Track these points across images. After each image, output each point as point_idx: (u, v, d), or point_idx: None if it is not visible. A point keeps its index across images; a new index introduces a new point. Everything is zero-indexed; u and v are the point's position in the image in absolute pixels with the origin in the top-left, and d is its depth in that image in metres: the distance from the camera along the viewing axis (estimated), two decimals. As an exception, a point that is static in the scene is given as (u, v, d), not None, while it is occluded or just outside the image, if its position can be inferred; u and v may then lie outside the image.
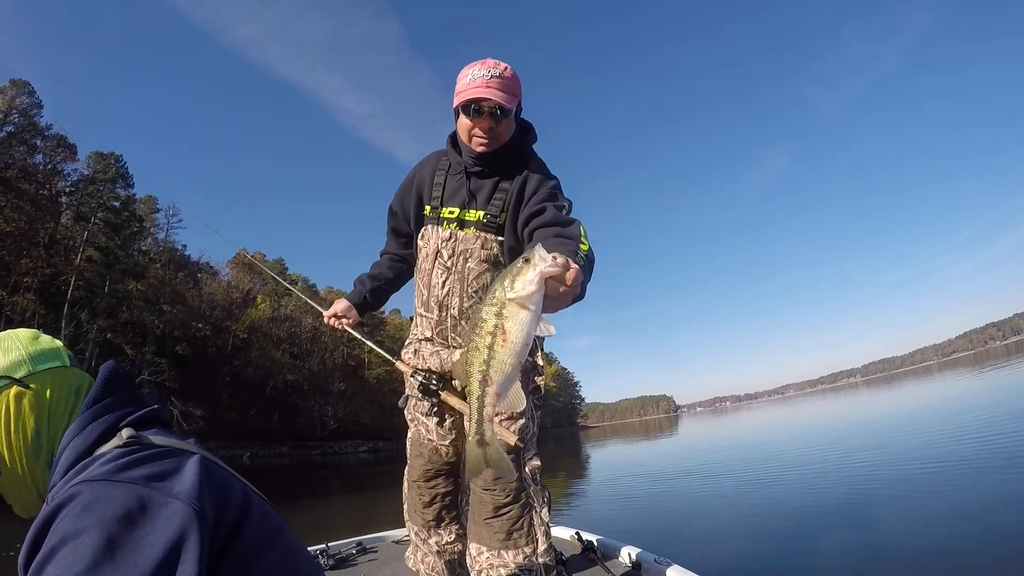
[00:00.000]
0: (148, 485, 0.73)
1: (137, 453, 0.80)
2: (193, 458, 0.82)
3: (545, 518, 1.84)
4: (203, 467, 0.80)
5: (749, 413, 74.02)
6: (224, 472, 0.86)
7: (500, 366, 0.88)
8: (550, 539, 1.86)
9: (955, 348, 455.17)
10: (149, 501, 0.71)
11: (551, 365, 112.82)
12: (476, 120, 1.77)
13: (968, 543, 4.83)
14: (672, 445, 28.59)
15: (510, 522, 1.80)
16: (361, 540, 3.23)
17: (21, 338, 1.00)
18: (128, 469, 0.75)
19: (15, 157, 41.21)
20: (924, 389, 37.94)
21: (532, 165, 1.87)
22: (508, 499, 1.81)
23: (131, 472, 0.74)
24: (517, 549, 1.78)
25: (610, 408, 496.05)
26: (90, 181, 46.57)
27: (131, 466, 0.76)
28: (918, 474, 8.28)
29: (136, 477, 0.73)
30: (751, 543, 5.99)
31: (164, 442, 0.86)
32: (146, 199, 57.00)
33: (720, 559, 5.43)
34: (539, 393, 1.94)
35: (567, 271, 0.90)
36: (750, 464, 13.27)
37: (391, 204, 2.21)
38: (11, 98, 41.27)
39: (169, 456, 0.82)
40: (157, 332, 46.26)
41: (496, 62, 1.77)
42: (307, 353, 65.71)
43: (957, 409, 18.42)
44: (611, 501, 10.85)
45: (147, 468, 0.76)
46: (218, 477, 0.83)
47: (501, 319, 0.87)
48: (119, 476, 0.73)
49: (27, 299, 37.65)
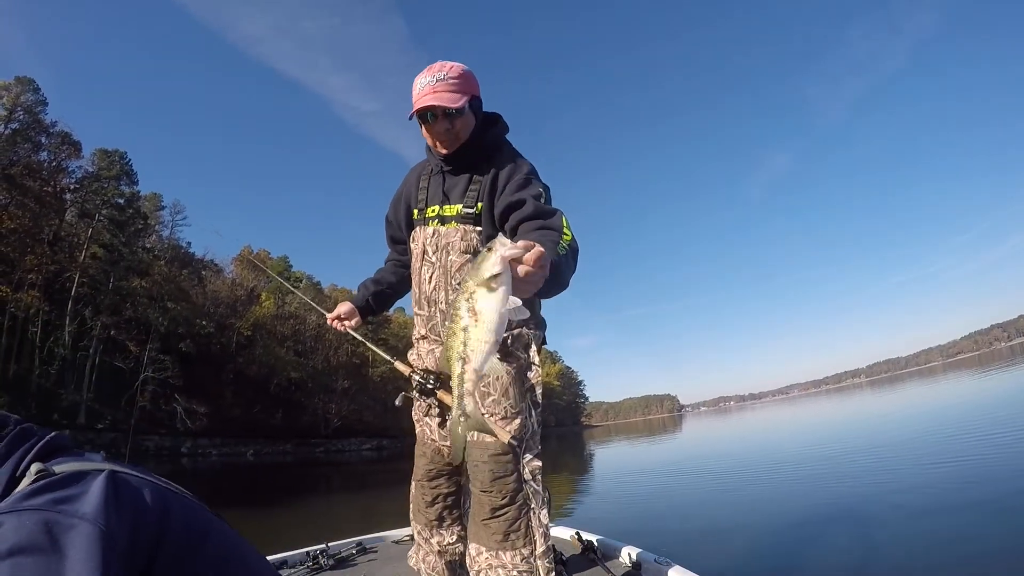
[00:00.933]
0: (53, 508, 0.72)
1: (42, 481, 0.79)
2: (99, 477, 0.81)
3: (544, 520, 1.82)
4: (110, 484, 0.79)
5: (753, 413, 74.13)
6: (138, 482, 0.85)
7: (476, 345, 0.98)
8: (549, 540, 1.84)
9: (960, 349, 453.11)
10: (55, 525, 0.69)
11: (555, 364, 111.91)
12: (431, 126, 1.84)
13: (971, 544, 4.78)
14: (675, 445, 28.55)
15: (507, 523, 1.80)
16: (361, 540, 3.22)
17: None
18: (32, 496, 0.74)
19: (20, 154, 41.17)
20: (928, 390, 37.93)
21: (502, 153, 1.92)
22: (505, 501, 1.80)
23: (36, 499, 0.74)
24: (515, 550, 1.78)
25: (614, 407, 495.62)
26: (94, 178, 46.54)
27: (34, 494, 0.75)
28: (920, 474, 8.24)
29: (41, 503, 0.73)
30: (751, 543, 5.99)
31: (68, 468, 0.85)
32: (151, 196, 57.07)
33: (720, 559, 5.43)
34: (535, 392, 1.92)
35: (528, 252, 1.00)
36: (751, 464, 13.27)
37: (387, 214, 2.29)
38: (16, 95, 41.23)
39: (76, 478, 0.81)
40: (161, 329, 46.27)
41: (442, 64, 1.81)
42: (311, 351, 65.67)
43: (960, 410, 18.36)
44: (611, 501, 10.86)
45: (51, 493, 0.75)
46: (131, 490, 0.81)
47: (472, 302, 0.97)
48: (23, 504, 0.72)
49: (31, 296, 37.72)
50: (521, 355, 1.90)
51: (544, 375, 2.01)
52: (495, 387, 1.84)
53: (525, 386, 1.89)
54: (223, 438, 47.87)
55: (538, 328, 1.98)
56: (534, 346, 1.93)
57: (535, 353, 1.93)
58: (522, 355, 1.90)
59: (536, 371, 1.92)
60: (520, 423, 1.84)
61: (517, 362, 1.89)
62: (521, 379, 1.88)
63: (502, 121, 1.99)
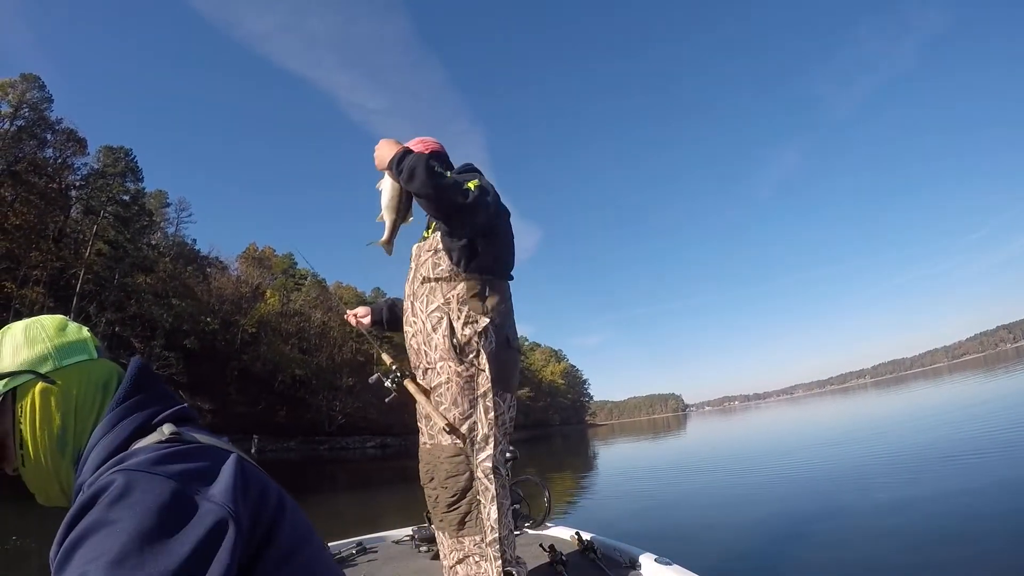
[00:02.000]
0: (185, 481, 0.70)
1: (175, 447, 0.78)
2: (230, 458, 0.79)
3: (493, 514, 1.96)
4: (240, 468, 0.78)
5: (757, 413, 74.23)
6: (260, 474, 0.84)
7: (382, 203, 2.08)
8: (500, 532, 1.97)
9: (965, 350, 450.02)
10: (185, 498, 0.69)
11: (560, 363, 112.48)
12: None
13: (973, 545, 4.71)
14: (678, 444, 28.44)
15: (461, 515, 2.00)
16: (361, 540, 3.22)
17: (47, 328, 0.95)
18: (165, 463, 0.72)
19: (25, 151, 41.32)
20: (933, 391, 37.76)
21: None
22: (456, 496, 2.01)
23: (168, 466, 0.72)
24: (469, 537, 1.99)
25: (619, 406, 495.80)
26: (100, 175, 46.64)
27: (168, 460, 0.73)
28: (923, 474, 8.12)
29: (173, 472, 0.71)
30: (752, 543, 5.97)
31: (203, 439, 0.84)
32: (156, 194, 57.27)
33: (720, 559, 5.43)
34: (488, 397, 2.01)
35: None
36: (753, 463, 13.23)
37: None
38: (21, 92, 41.34)
39: (207, 454, 0.79)
40: (166, 326, 46.32)
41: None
42: (316, 348, 65.77)
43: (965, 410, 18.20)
44: (612, 500, 10.86)
45: (184, 464, 0.74)
46: (255, 479, 0.80)
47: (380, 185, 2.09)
48: (156, 469, 0.71)
49: (36, 292, 37.80)
50: (472, 361, 2.01)
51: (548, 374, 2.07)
52: (446, 396, 2.01)
53: (476, 392, 2.01)
54: (227, 435, 46.81)
55: (490, 336, 2.03)
56: (484, 354, 2.01)
57: (485, 360, 2.01)
58: (473, 361, 2.01)
59: (486, 377, 2.01)
60: (468, 427, 2.00)
61: (467, 368, 2.00)
62: (471, 386, 2.00)
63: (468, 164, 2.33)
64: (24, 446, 0.88)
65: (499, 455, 2.02)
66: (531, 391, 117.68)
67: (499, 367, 2.03)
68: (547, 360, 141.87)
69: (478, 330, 2.01)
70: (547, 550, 2.56)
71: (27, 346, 0.91)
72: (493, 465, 1.99)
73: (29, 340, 0.91)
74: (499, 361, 2.04)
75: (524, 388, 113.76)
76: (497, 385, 2.02)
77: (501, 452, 2.03)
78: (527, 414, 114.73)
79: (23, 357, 0.90)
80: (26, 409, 0.87)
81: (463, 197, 1.83)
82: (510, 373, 2.11)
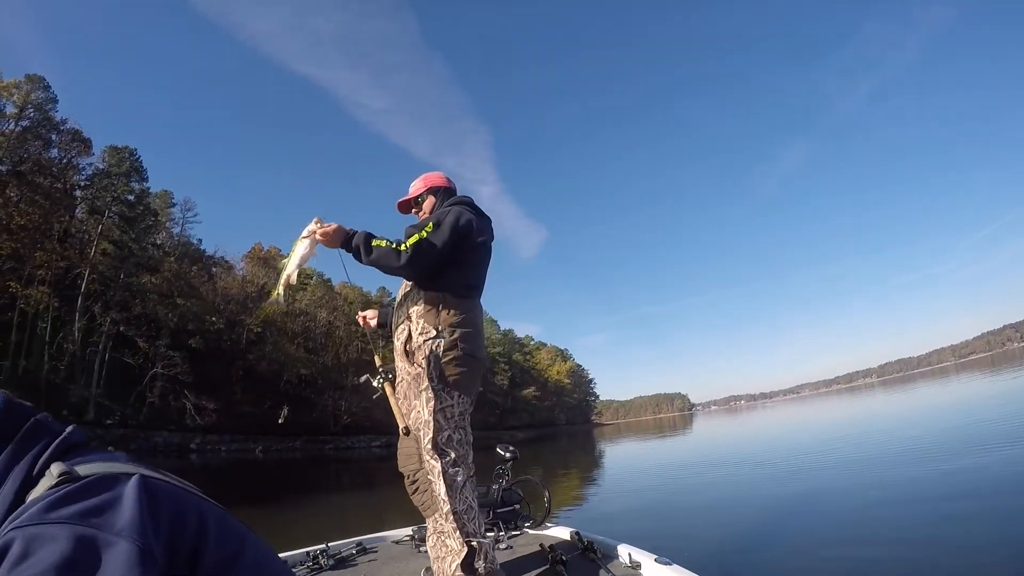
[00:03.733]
0: (85, 523, 0.64)
1: (68, 487, 0.71)
2: (130, 483, 0.73)
3: (441, 489, 2.22)
4: (144, 492, 0.71)
5: (763, 412, 74.28)
6: (171, 490, 0.78)
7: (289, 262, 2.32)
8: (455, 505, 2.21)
9: (972, 349, 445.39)
10: (88, 542, 0.62)
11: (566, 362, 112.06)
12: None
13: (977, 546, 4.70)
14: (683, 443, 28.46)
15: (421, 498, 2.31)
16: (361, 540, 3.28)
17: None
18: (60, 507, 0.66)
19: (30, 151, 41.37)
20: (939, 390, 37.61)
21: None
22: (415, 487, 2.34)
23: (63, 510, 0.65)
24: (431, 517, 2.26)
25: (625, 405, 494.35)
26: (105, 175, 46.69)
27: (62, 503, 0.67)
28: (925, 475, 8.03)
29: (71, 515, 0.65)
30: (752, 543, 5.98)
31: (94, 469, 0.76)
32: (162, 194, 57.30)
33: (720, 559, 5.46)
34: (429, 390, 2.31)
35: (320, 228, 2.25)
36: (754, 463, 13.30)
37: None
38: (26, 93, 41.39)
39: (103, 484, 0.72)
40: (171, 325, 46.33)
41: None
42: (321, 347, 65.67)
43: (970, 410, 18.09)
44: (612, 500, 10.94)
45: (80, 503, 0.67)
46: (166, 499, 0.74)
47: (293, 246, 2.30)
48: (50, 517, 0.64)
49: (41, 292, 37.78)
50: (420, 362, 2.33)
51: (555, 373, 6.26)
52: (400, 391, 2.41)
53: (420, 387, 2.31)
54: (232, 434, 47.86)
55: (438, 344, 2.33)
56: (429, 356, 2.32)
57: (425, 361, 2.32)
58: (420, 363, 2.33)
59: (427, 374, 2.31)
60: (414, 417, 2.32)
61: (415, 368, 2.35)
62: (418, 382, 2.32)
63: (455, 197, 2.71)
64: None
65: (444, 438, 2.28)
66: (537, 390, 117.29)
67: (442, 368, 2.32)
68: (553, 359, 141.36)
69: (428, 338, 2.34)
70: (547, 550, 2.60)
71: None
72: (435, 444, 2.26)
73: None
74: (444, 363, 2.32)
75: (530, 387, 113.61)
76: (440, 382, 2.31)
77: (449, 437, 2.29)
78: (533, 413, 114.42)
79: None
80: None
81: (396, 261, 2.23)
82: (462, 376, 2.36)
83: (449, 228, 2.35)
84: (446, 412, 2.31)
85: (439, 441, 2.27)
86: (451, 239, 2.34)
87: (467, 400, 2.41)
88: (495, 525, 3.32)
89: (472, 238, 2.44)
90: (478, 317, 2.49)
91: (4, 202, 37.91)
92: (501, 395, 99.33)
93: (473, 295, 2.48)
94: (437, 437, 2.27)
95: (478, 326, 2.47)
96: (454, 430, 2.33)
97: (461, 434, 2.36)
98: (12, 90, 40.67)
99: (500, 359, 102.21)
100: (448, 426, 2.31)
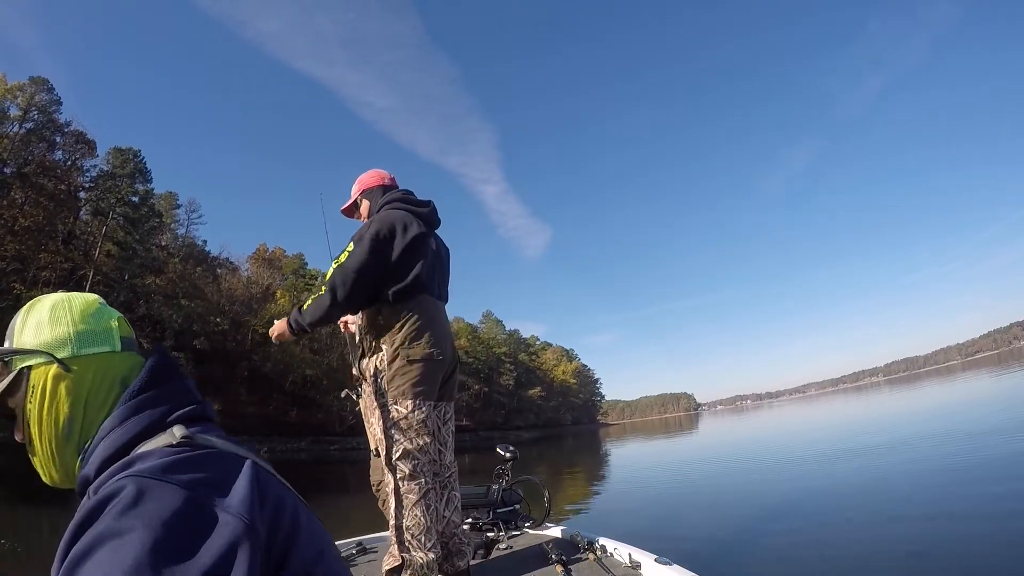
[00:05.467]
0: (199, 490, 0.65)
1: (187, 453, 0.73)
2: (246, 465, 0.74)
3: (392, 504, 2.28)
4: (255, 476, 0.73)
5: (769, 412, 74.47)
6: (276, 482, 0.79)
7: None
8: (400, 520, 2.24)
9: (979, 347, 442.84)
10: (200, 509, 0.64)
11: (572, 362, 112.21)
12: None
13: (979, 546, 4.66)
14: (687, 443, 28.40)
15: (385, 507, 2.39)
16: (361, 540, 3.30)
17: (74, 311, 0.89)
18: (177, 471, 0.67)
19: (34, 153, 41.63)
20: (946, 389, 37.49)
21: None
22: (383, 498, 2.56)
23: (181, 474, 0.67)
24: (392, 522, 2.29)
25: (631, 405, 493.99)
26: (109, 176, 46.88)
27: (180, 467, 0.68)
28: (927, 476, 7.99)
29: (187, 480, 0.66)
30: (752, 543, 5.97)
31: (217, 443, 0.79)
32: (166, 195, 57.49)
33: (720, 559, 5.45)
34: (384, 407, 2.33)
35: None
36: (756, 463, 13.33)
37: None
38: (30, 95, 41.68)
39: (221, 460, 0.74)
40: (176, 326, 46.45)
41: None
42: (327, 348, 65.66)
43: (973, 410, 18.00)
44: (613, 500, 10.97)
45: (199, 472, 0.69)
46: (271, 489, 0.75)
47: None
48: (168, 476, 0.65)
49: (45, 293, 37.83)
50: (372, 380, 2.36)
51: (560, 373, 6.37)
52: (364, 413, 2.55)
53: (377, 413, 2.34)
54: (237, 435, 47.39)
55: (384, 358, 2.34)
56: (380, 372, 2.34)
57: (373, 377, 2.36)
58: (372, 380, 2.36)
59: (378, 393, 2.33)
60: (373, 433, 2.41)
61: (371, 385, 2.37)
62: (376, 410, 2.34)
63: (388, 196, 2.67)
64: (28, 426, 0.85)
65: (399, 453, 2.27)
66: (543, 390, 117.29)
67: (390, 380, 2.31)
68: (558, 359, 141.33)
69: (371, 354, 2.41)
70: (547, 550, 2.60)
71: (49, 325, 0.86)
72: (388, 460, 2.28)
73: (53, 320, 0.87)
74: (391, 375, 2.31)
75: (536, 388, 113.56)
76: (388, 395, 2.31)
77: (405, 451, 2.27)
78: (538, 413, 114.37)
79: (43, 337, 0.86)
80: (36, 390, 0.83)
81: (328, 303, 2.29)
82: (412, 383, 2.29)
83: (369, 241, 2.30)
84: (400, 424, 2.28)
85: (392, 457, 2.28)
86: (371, 252, 2.28)
87: (428, 404, 2.33)
88: (495, 525, 3.30)
89: (401, 239, 2.35)
90: (426, 315, 2.39)
91: (9, 204, 38.06)
92: (507, 395, 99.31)
93: (413, 295, 2.38)
94: (391, 453, 2.28)
95: (427, 324, 2.37)
96: (414, 439, 2.29)
97: (425, 440, 2.31)
98: (16, 92, 40.94)
99: (506, 359, 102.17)
100: (404, 438, 2.28)
